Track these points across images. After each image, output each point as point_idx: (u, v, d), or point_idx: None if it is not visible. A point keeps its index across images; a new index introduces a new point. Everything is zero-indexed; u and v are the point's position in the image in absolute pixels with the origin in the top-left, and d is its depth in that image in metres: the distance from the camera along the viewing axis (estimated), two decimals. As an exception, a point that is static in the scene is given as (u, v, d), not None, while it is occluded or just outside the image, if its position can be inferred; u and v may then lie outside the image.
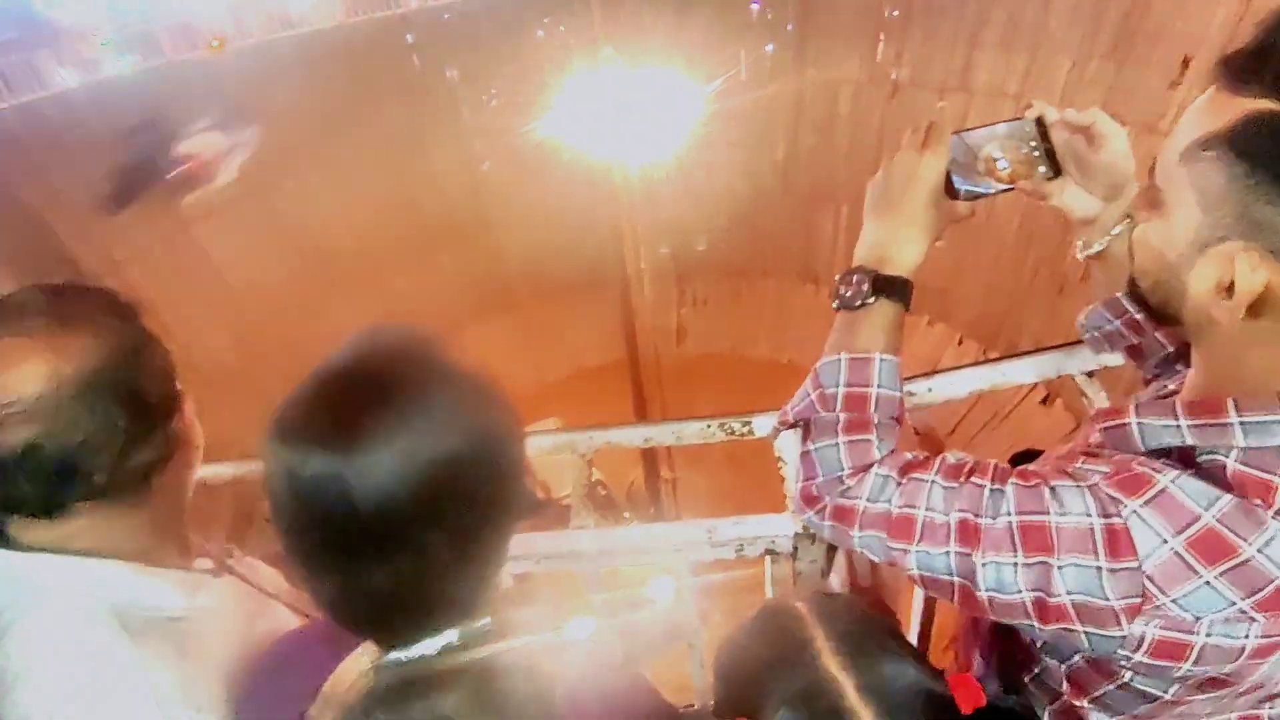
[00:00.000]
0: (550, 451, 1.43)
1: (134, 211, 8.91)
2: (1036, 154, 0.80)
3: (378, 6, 11.12)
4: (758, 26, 10.85)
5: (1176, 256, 0.59)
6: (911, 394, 1.32)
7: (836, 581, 1.45)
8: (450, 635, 0.62)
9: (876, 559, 0.74)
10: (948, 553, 0.66)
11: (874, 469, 0.75)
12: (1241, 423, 0.57)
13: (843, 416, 0.77)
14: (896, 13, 10.09)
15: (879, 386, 0.77)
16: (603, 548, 1.29)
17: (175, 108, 9.45)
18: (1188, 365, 0.67)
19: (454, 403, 0.61)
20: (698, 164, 7.74)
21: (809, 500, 0.79)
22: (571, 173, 8.58)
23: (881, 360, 0.77)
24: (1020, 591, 0.61)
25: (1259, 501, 0.56)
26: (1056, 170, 0.82)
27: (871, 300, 0.79)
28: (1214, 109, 0.55)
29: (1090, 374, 1.33)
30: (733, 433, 1.33)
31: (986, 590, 0.63)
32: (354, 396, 0.59)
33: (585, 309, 10.91)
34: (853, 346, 0.79)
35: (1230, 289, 0.56)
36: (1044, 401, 8.19)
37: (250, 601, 1.01)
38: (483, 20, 10.75)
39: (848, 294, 0.80)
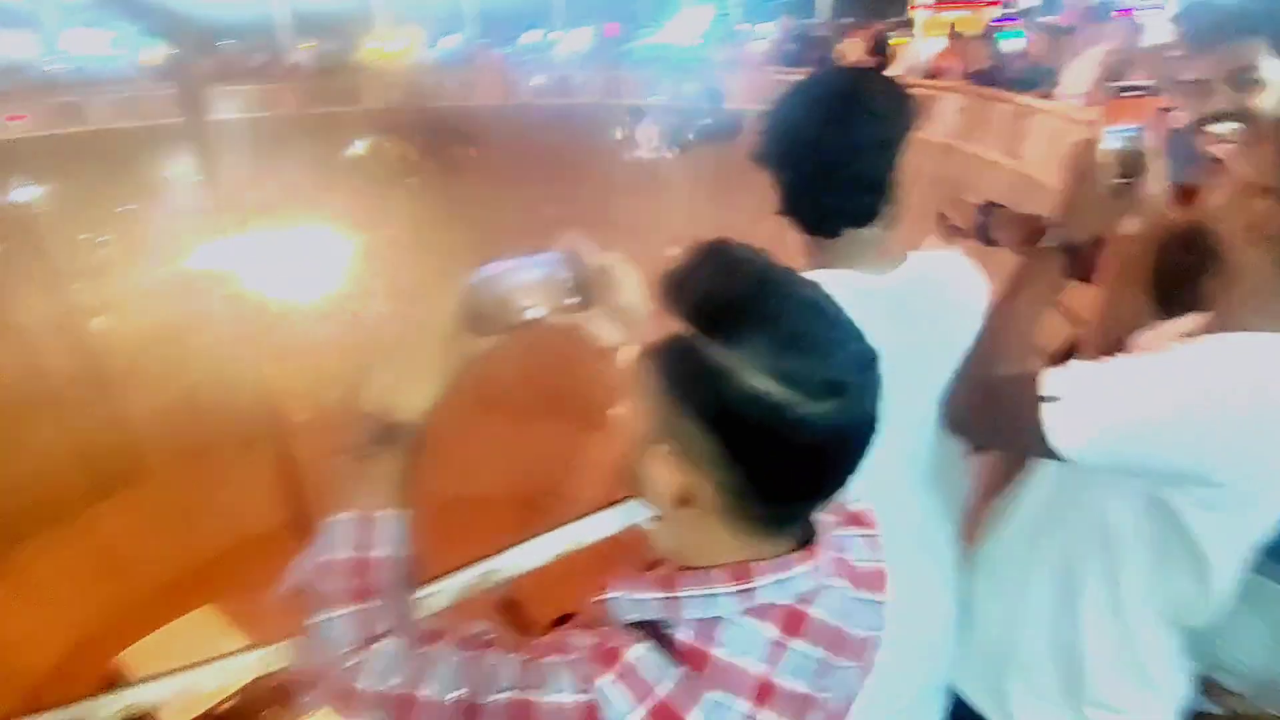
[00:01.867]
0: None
1: None
2: (567, 286, 0.81)
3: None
4: (404, 166, 11.15)
5: (633, 449, 0.66)
6: (497, 570, 1.30)
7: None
8: None
9: None
10: None
11: (383, 644, 0.68)
12: (689, 596, 0.62)
13: (345, 585, 0.71)
14: (535, 160, 11.20)
15: (384, 548, 0.72)
16: None
17: None
18: None
19: None
20: (354, 306, 7.49)
21: (307, 681, 0.71)
22: (205, 323, 7.69)
23: (385, 518, 0.73)
24: None
25: (698, 672, 0.61)
26: (586, 302, 0.82)
27: (374, 451, 0.75)
28: (658, 325, 0.64)
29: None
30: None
31: None
32: None
33: (238, 472, 9.55)
34: (358, 504, 0.73)
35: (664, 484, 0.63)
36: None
37: None
38: (81, 156, 9.42)
39: (351, 444, 0.75)
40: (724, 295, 0.59)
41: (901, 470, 1.12)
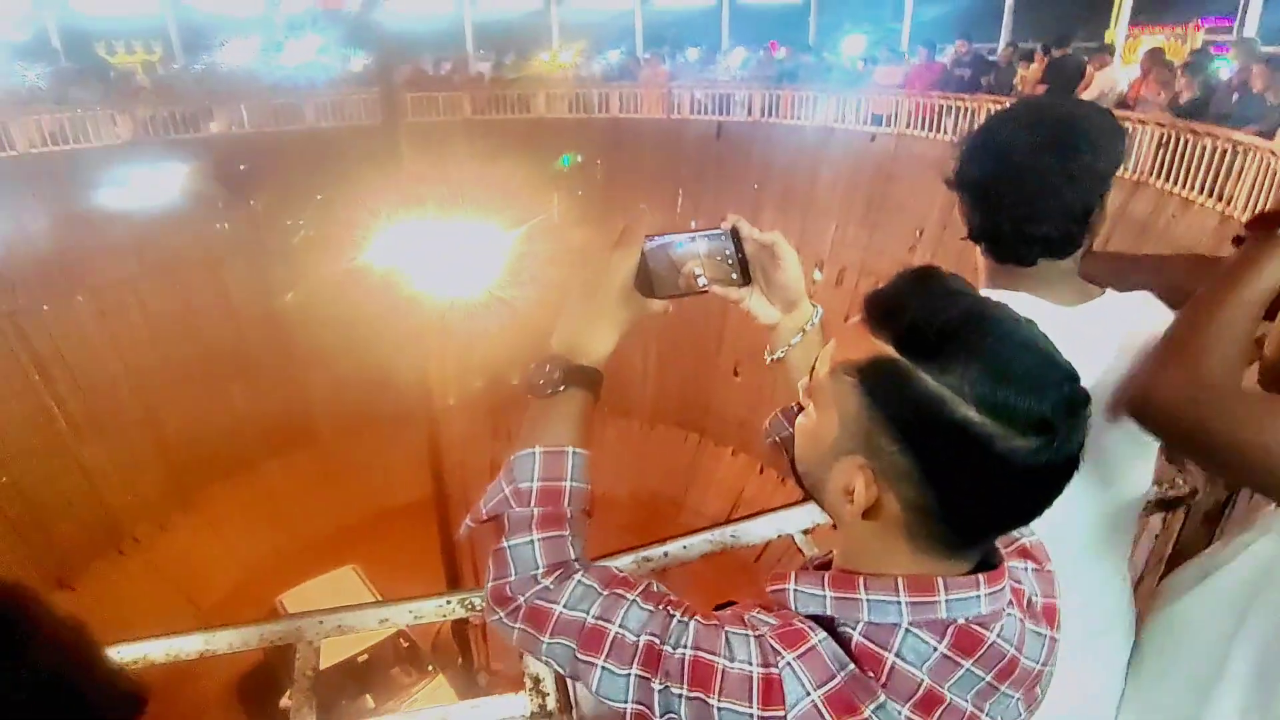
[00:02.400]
0: (277, 640, 1.31)
1: None
2: (730, 262, 0.86)
3: (176, 128, 10.65)
4: (570, 175, 11.67)
5: (819, 455, 0.68)
6: (648, 560, 1.37)
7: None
8: None
9: (562, 670, 0.73)
10: (628, 675, 0.67)
11: (577, 577, 0.74)
12: (866, 600, 0.64)
13: (537, 512, 0.76)
14: (689, 172, 11.36)
15: (571, 480, 0.77)
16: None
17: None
18: None
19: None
20: (509, 302, 7.91)
21: (500, 600, 0.76)
22: (379, 308, 8.41)
23: (573, 453, 0.78)
24: None
25: (871, 674, 0.63)
26: (747, 279, 0.87)
27: (562, 389, 0.80)
28: (856, 339, 0.64)
29: (806, 531, 1.47)
30: (472, 608, 1.30)
31: (661, 717, 0.65)
32: None
33: (391, 446, 10.38)
34: (545, 439, 0.79)
35: (852, 494, 0.65)
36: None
37: None
38: (292, 153, 10.62)
39: (540, 382, 0.81)
40: (939, 323, 0.59)
41: (1071, 513, 1.09)
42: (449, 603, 1.32)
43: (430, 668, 7.99)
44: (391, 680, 7.71)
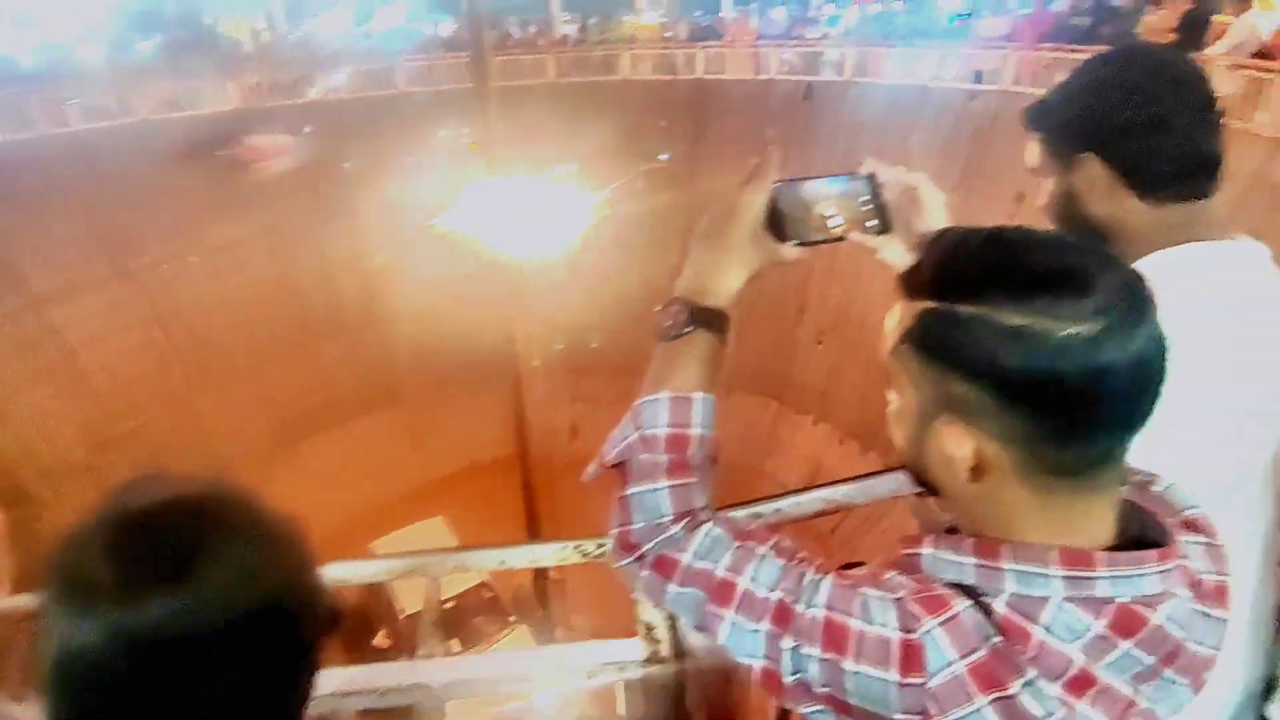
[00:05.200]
0: (401, 574, 1.38)
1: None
2: (867, 209, 0.82)
3: (276, 96, 11.12)
4: (654, 138, 11.57)
5: (911, 433, 0.66)
6: (759, 515, 1.36)
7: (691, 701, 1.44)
8: None
9: (688, 619, 0.72)
10: (758, 630, 0.66)
11: (706, 526, 0.72)
12: (1013, 570, 0.61)
13: (665, 458, 0.74)
14: (775, 135, 11.02)
15: (699, 427, 0.76)
16: (446, 680, 1.23)
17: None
18: None
19: (249, 555, 0.59)
20: (592, 265, 7.97)
21: (627, 547, 0.75)
22: (465, 269, 8.62)
23: (701, 399, 0.77)
24: (817, 685, 0.63)
25: (1018, 646, 0.60)
26: (886, 226, 0.83)
27: (689, 330, 0.78)
28: (902, 314, 0.64)
29: (920, 493, 1.43)
30: (587, 554, 1.33)
31: (790, 675, 0.64)
32: (149, 544, 0.56)
33: (475, 404, 10.71)
34: (673, 384, 0.77)
35: (954, 460, 0.62)
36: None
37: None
38: (383, 117, 10.93)
39: (666, 324, 0.79)
40: (962, 257, 0.60)
41: (1227, 473, 1.00)
42: (565, 548, 1.36)
43: (512, 619, 8.31)
44: (475, 629, 8.06)
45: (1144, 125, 0.96)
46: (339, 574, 1.29)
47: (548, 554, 1.34)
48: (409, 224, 9.72)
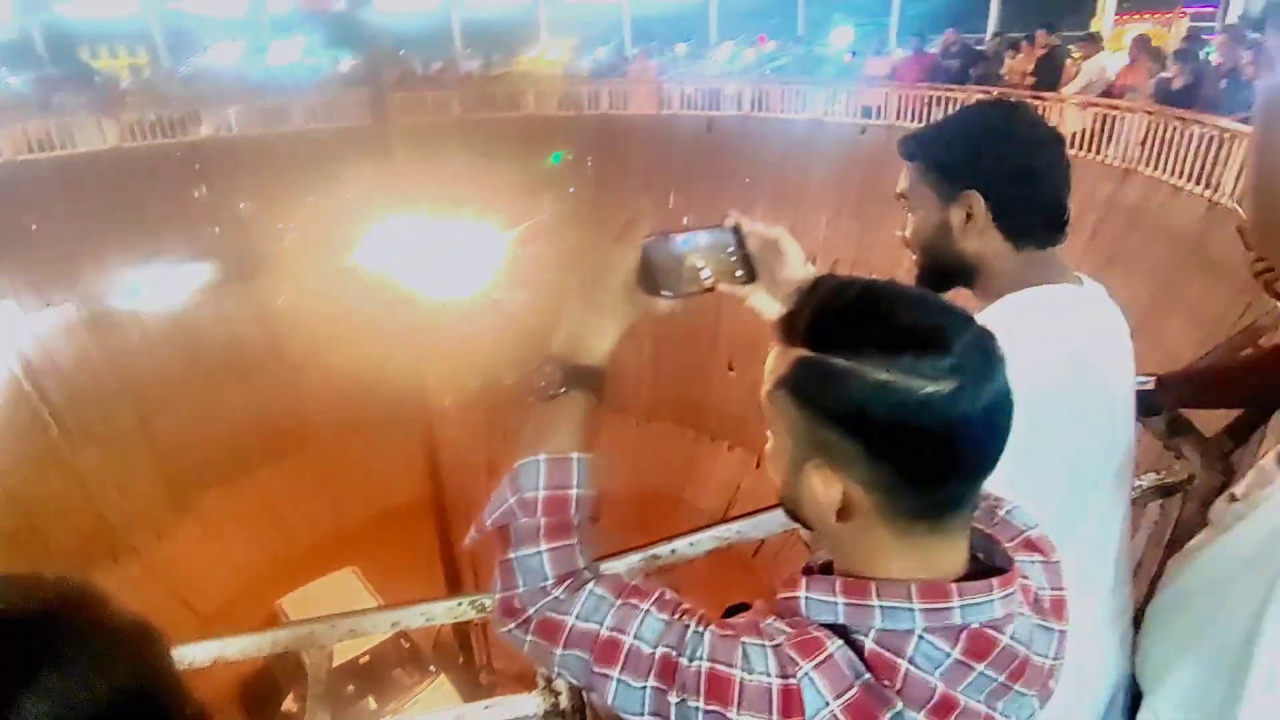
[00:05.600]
0: (290, 645, 1.32)
1: None
2: (734, 260, 0.86)
3: (163, 133, 10.58)
4: (561, 172, 11.64)
5: (784, 474, 0.70)
6: (656, 557, 1.37)
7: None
8: None
9: (576, 682, 0.72)
10: (644, 688, 0.66)
11: (589, 587, 0.72)
12: (880, 606, 0.64)
13: (543, 521, 0.74)
14: (681, 168, 11.36)
15: (577, 487, 0.76)
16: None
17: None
18: None
19: (95, 662, 0.55)
20: (503, 301, 7.90)
21: (510, 612, 0.74)
22: (372, 308, 8.39)
23: (578, 459, 0.77)
24: None
25: (886, 682, 0.63)
26: (751, 275, 0.87)
27: (563, 391, 0.79)
28: (778, 360, 0.67)
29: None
30: (484, 610, 1.30)
31: None
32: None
33: (387, 447, 10.35)
34: (550, 445, 0.77)
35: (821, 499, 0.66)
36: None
37: None
38: (281, 155, 10.56)
39: (541, 384, 0.79)
40: (836, 310, 0.64)
41: (1075, 494, 1.10)
42: (460, 605, 1.33)
43: (432, 668, 7.99)
44: (393, 681, 7.70)
45: (1024, 175, 1.06)
46: (214, 652, 1.22)
47: (442, 611, 1.31)
48: (312, 264, 9.39)
